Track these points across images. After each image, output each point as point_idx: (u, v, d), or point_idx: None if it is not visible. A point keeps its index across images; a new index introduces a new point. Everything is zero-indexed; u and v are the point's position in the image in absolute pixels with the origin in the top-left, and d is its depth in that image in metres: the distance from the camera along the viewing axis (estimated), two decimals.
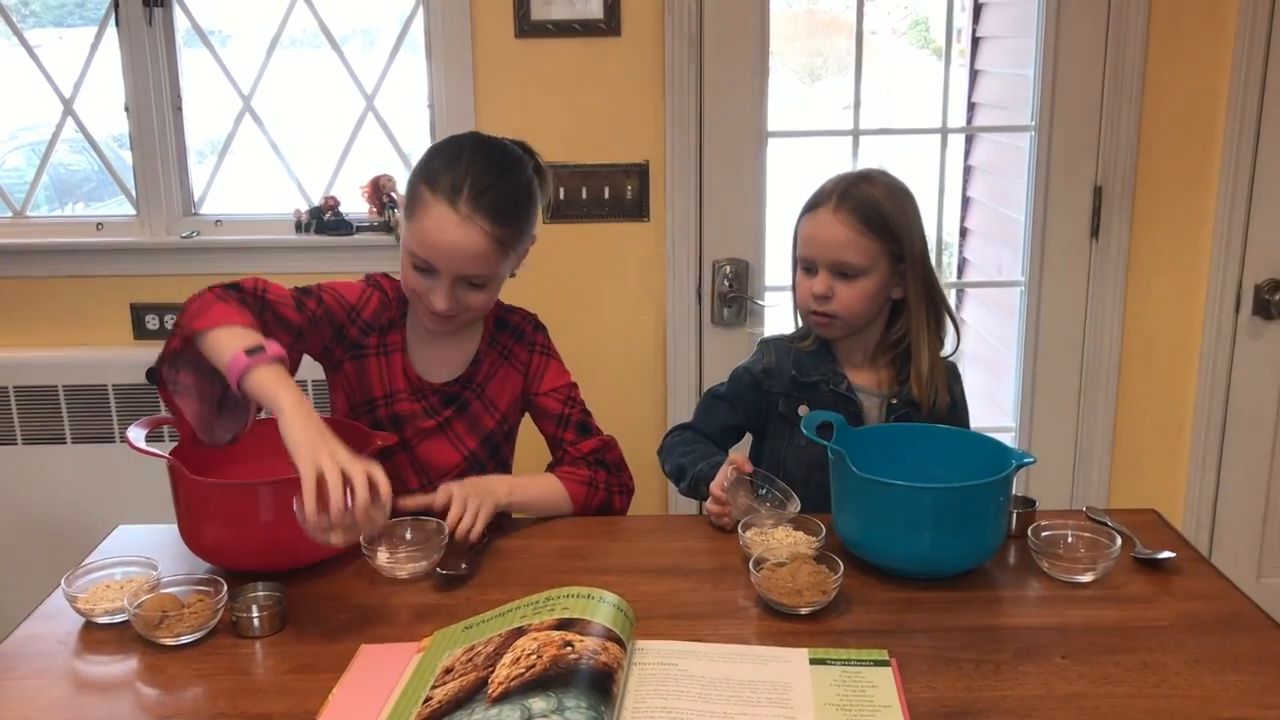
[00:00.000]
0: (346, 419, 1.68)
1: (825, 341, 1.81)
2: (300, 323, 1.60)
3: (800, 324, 1.85)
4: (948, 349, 1.83)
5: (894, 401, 1.77)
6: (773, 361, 1.83)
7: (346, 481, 1.29)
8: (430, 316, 1.63)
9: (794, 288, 1.82)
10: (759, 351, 1.87)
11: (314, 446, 1.31)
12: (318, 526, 1.29)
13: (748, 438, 1.92)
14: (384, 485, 1.31)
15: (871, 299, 1.75)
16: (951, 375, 1.83)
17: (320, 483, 1.28)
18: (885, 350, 1.81)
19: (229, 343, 1.42)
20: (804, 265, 1.76)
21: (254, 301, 1.54)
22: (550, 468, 1.76)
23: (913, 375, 1.76)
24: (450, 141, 1.65)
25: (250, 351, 1.39)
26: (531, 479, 1.71)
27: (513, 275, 1.70)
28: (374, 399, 1.70)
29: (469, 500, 1.56)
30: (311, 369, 1.73)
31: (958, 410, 1.83)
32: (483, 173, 1.57)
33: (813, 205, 1.75)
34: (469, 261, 1.57)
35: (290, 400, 1.35)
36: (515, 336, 1.76)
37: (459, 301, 1.60)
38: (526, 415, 1.81)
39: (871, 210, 1.72)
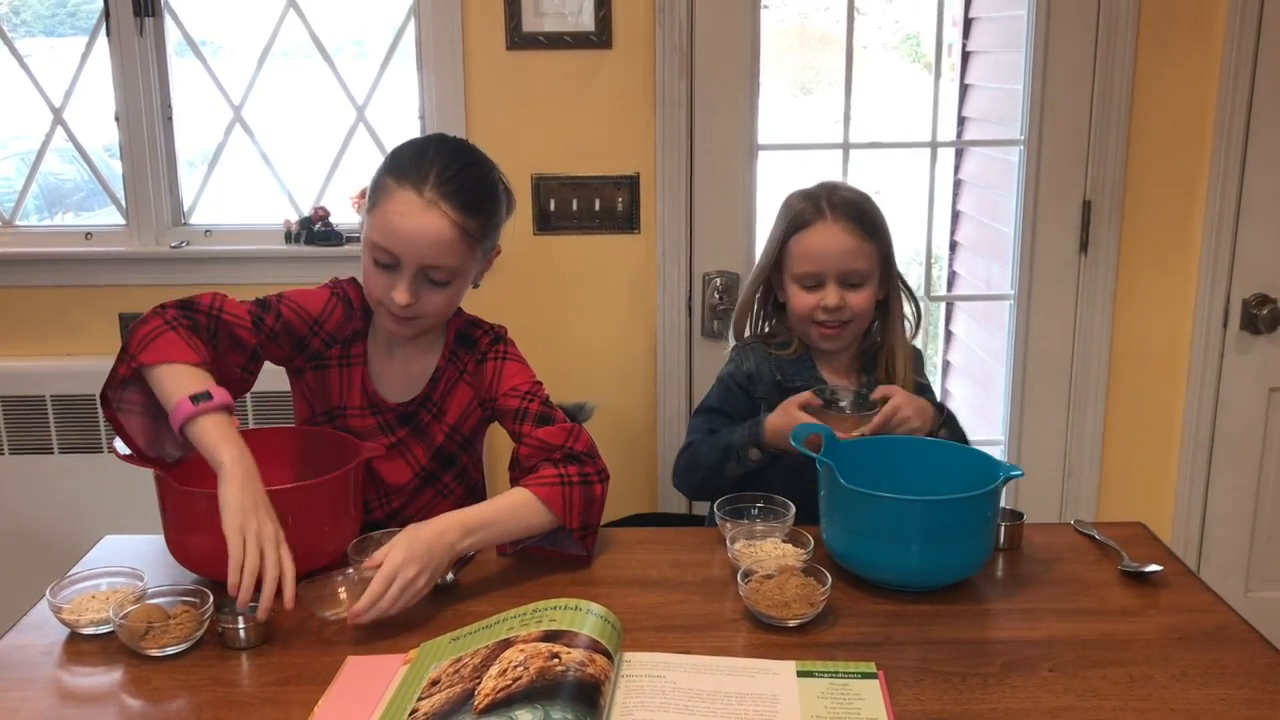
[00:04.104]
0: (329, 429, 1.68)
1: (806, 348, 1.87)
2: (256, 343, 1.58)
3: (785, 340, 1.89)
4: (918, 340, 1.93)
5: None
6: (753, 366, 1.87)
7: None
8: (391, 319, 1.59)
9: (769, 307, 1.91)
10: (737, 356, 1.90)
11: (244, 514, 1.33)
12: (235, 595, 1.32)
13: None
14: (289, 586, 1.33)
15: (873, 302, 1.82)
16: (918, 361, 1.92)
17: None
18: (862, 353, 1.89)
19: (175, 385, 1.42)
20: (805, 282, 1.80)
21: (208, 323, 1.53)
22: (515, 480, 1.61)
23: (892, 372, 1.85)
24: (415, 139, 1.64)
25: (195, 399, 1.39)
26: (495, 502, 1.53)
27: (476, 285, 1.66)
28: (333, 409, 1.69)
29: (404, 569, 1.35)
30: (275, 378, 1.72)
31: (927, 394, 1.88)
32: (449, 163, 1.54)
33: (803, 223, 1.80)
34: (432, 249, 1.52)
35: (230, 457, 1.36)
36: (471, 350, 1.69)
37: (420, 299, 1.55)
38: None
39: (863, 215, 1.80)
